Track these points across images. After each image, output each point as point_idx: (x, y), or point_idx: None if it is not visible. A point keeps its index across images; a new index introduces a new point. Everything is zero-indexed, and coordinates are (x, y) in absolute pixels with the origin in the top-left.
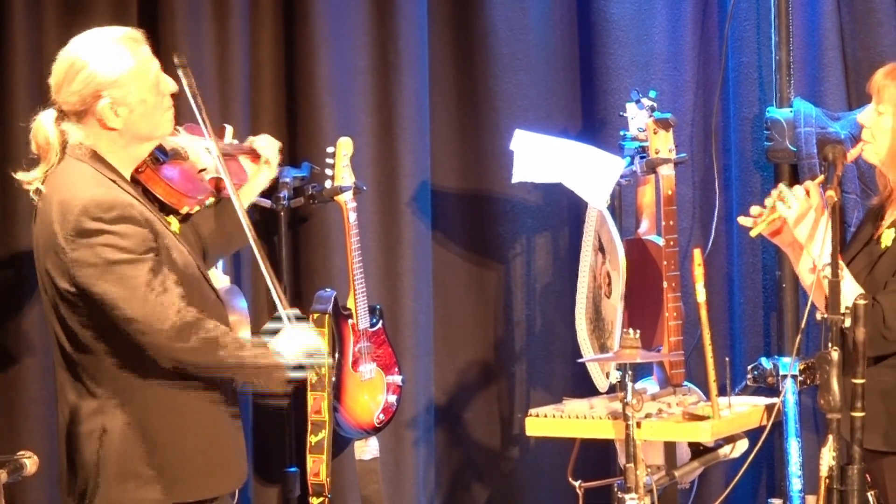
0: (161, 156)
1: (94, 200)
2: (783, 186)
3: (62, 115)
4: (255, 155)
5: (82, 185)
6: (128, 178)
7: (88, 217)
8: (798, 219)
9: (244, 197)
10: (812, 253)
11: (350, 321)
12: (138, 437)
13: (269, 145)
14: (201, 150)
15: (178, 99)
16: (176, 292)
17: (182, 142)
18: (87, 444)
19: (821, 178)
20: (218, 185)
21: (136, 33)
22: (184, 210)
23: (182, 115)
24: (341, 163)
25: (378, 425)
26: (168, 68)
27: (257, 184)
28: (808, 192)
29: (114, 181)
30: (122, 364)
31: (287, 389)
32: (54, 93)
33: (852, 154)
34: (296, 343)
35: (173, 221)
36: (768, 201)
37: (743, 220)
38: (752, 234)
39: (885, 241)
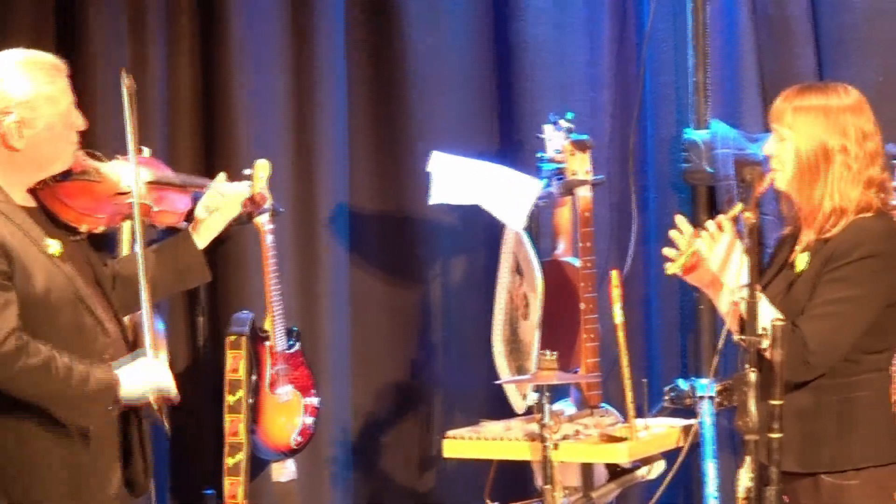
0: (66, 175)
1: None
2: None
3: None
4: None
5: None
6: (17, 199)
7: None
8: (713, 253)
9: (201, 235)
10: (727, 281)
11: (267, 343)
12: None
13: (222, 190)
14: (131, 176)
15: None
16: (8, 319)
17: (112, 166)
18: None
19: (733, 212)
20: (187, 215)
21: (59, 63)
22: (83, 228)
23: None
24: (259, 185)
25: (295, 447)
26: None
27: (211, 224)
28: (720, 227)
29: None
30: None
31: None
32: None
33: (764, 184)
34: (143, 375)
35: (53, 244)
36: (683, 241)
37: (667, 252)
38: (669, 272)
39: (800, 264)
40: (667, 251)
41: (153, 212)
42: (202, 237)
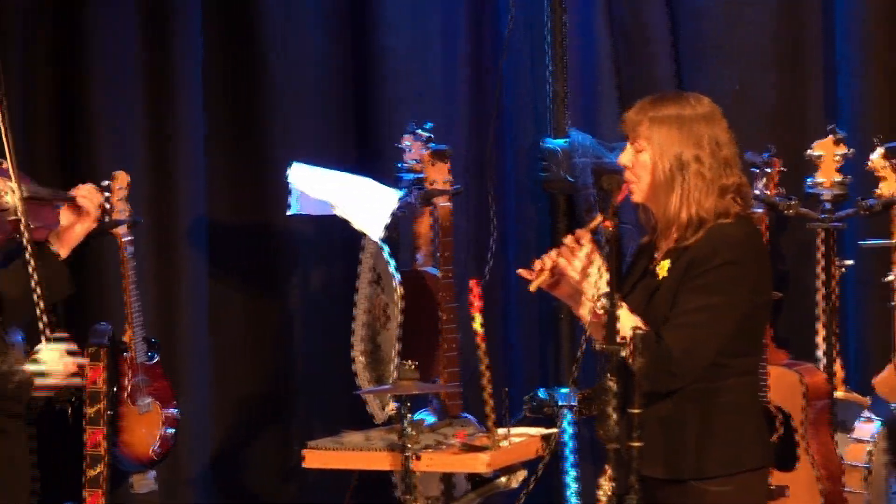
0: None
1: None
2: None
3: None
4: (75, 205)
5: None
6: None
7: None
8: (572, 267)
9: (63, 246)
10: (587, 292)
11: (127, 354)
12: None
13: (89, 196)
14: (5, 191)
15: None
16: None
17: None
18: None
19: (593, 222)
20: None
21: None
22: None
23: None
24: (117, 196)
25: (155, 458)
26: None
27: (74, 234)
28: (579, 240)
29: None
30: None
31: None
32: None
33: (619, 196)
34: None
35: None
36: (545, 259)
37: (523, 273)
38: (531, 288)
39: (661, 272)
40: (523, 272)
41: (30, 228)
42: (63, 249)
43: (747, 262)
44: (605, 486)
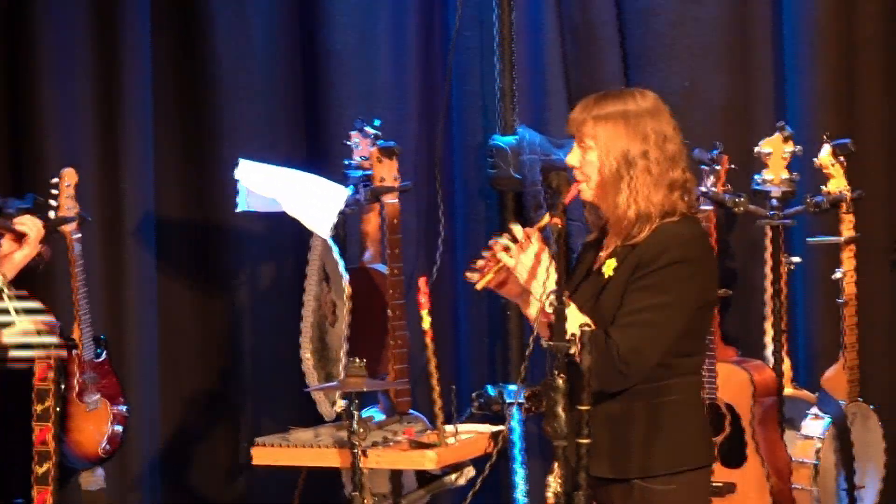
0: None
1: None
2: (498, 235)
3: None
4: (15, 233)
5: None
6: None
7: None
8: (521, 264)
9: (3, 272)
10: (534, 292)
11: (75, 352)
12: None
13: (29, 226)
14: None
15: None
16: None
17: None
18: None
19: (542, 221)
20: None
21: None
22: None
23: None
24: (65, 193)
25: (104, 455)
26: None
27: (13, 262)
28: (528, 237)
29: None
30: None
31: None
32: None
33: (569, 196)
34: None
35: None
36: (490, 253)
37: (469, 276)
38: (478, 287)
39: (608, 270)
40: (469, 275)
41: None
42: (7, 274)
43: (695, 261)
44: (554, 483)
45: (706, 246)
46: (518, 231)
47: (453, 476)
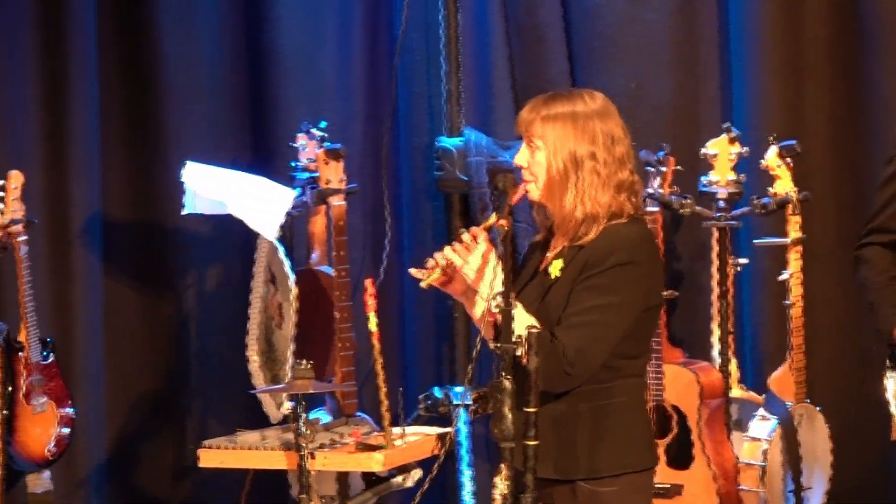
0: None
1: None
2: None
3: None
4: None
5: None
6: None
7: None
8: (468, 265)
9: None
10: (481, 292)
11: (22, 354)
12: None
13: None
14: None
15: None
16: None
17: None
18: None
19: (488, 221)
20: None
21: None
22: None
23: None
24: (11, 196)
25: (50, 458)
26: None
27: None
28: (475, 238)
29: None
30: None
31: None
32: None
33: (516, 196)
34: None
35: None
36: (439, 256)
37: (415, 272)
38: (424, 285)
39: (554, 271)
40: (415, 272)
41: None
42: None
43: (642, 263)
44: (501, 485)
45: (653, 248)
46: (464, 233)
47: (400, 478)
